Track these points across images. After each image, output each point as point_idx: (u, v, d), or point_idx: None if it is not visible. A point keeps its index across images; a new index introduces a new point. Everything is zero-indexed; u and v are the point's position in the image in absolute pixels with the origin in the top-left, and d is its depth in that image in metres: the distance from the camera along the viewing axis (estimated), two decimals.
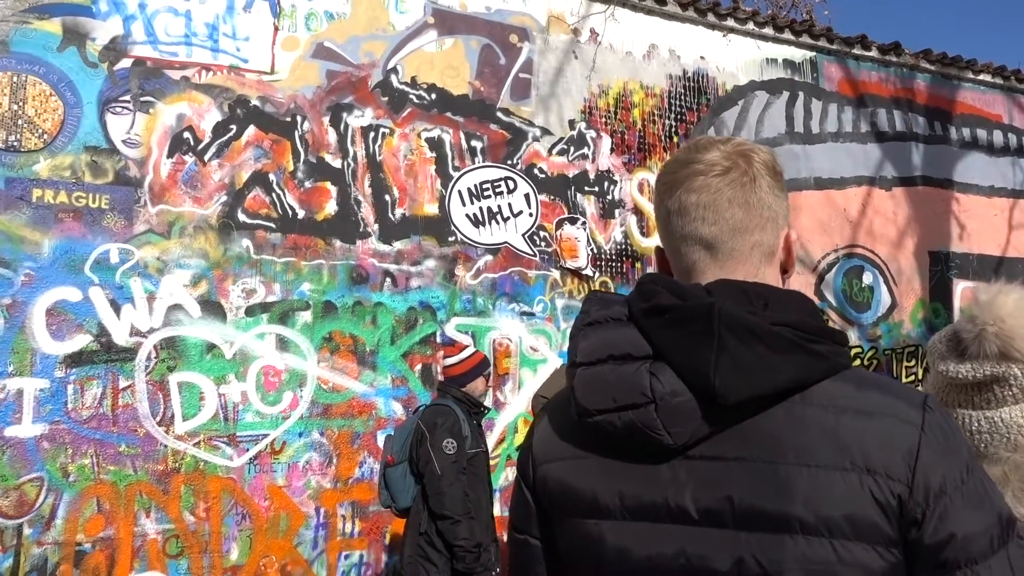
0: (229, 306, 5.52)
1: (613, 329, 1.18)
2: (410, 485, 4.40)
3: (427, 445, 4.29)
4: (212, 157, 5.56)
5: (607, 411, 1.15)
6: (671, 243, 1.26)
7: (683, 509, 1.12)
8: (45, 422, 4.99)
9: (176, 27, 5.55)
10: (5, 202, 5.02)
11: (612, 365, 1.16)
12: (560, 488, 1.23)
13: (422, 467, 4.30)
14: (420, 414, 4.53)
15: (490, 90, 6.49)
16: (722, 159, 1.21)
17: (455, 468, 4.27)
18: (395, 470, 4.44)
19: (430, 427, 4.35)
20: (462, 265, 6.24)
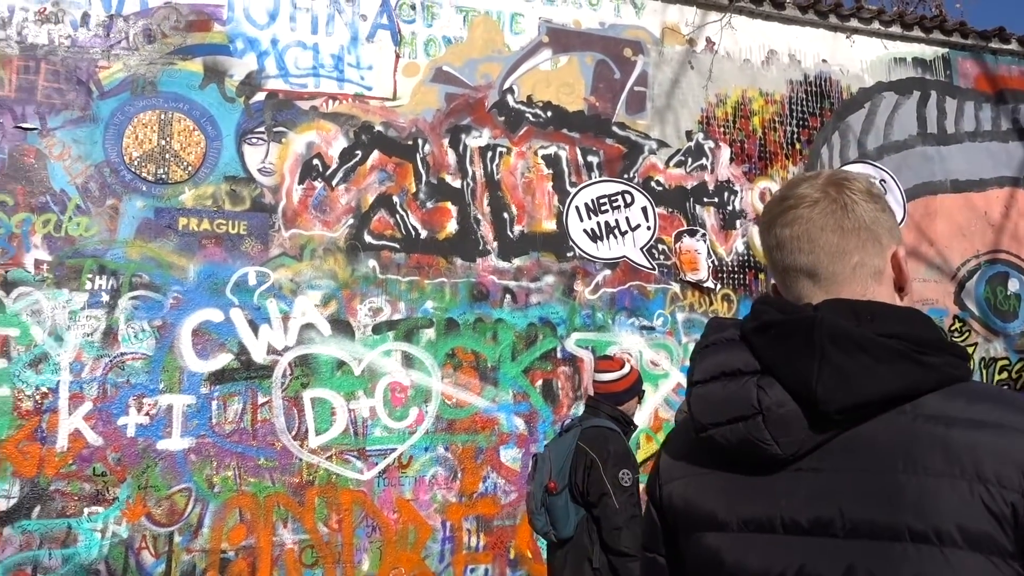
0: (357, 324, 5.73)
1: (726, 349, 1.25)
2: (573, 514, 4.02)
3: (600, 474, 3.93)
4: (339, 182, 5.81)
5: (719, 424, 1.21)
6: (777, 277, 1.33)
7: (794, 520, 1.15)
8: (192, 436, 5.32)
9: (305, 60, 5.84)
10: (155, 231, 5.40)
11: (724, 381, 1.22)
12: (683, 504, 1.29)
13: (594, 498, 3.94)
14: (578, 434, 4.13)
15: (605, 105, 6.50)
16: (813, 191, 1.28)
17: (632, 501, 3.92)
18: (558, 498, 4.04)
19: (601, 454, 3.97)
20: (581, 280, 6.26)
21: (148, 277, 5.35)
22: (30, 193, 5.22)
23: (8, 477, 4.94)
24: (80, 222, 5.28)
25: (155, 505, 5.21)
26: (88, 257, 5.27)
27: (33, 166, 5.25)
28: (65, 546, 5.02)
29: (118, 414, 5.19)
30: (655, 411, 6.36)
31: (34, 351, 5.10)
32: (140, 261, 5.35)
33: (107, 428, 5.16)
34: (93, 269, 5.27)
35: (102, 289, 5.27)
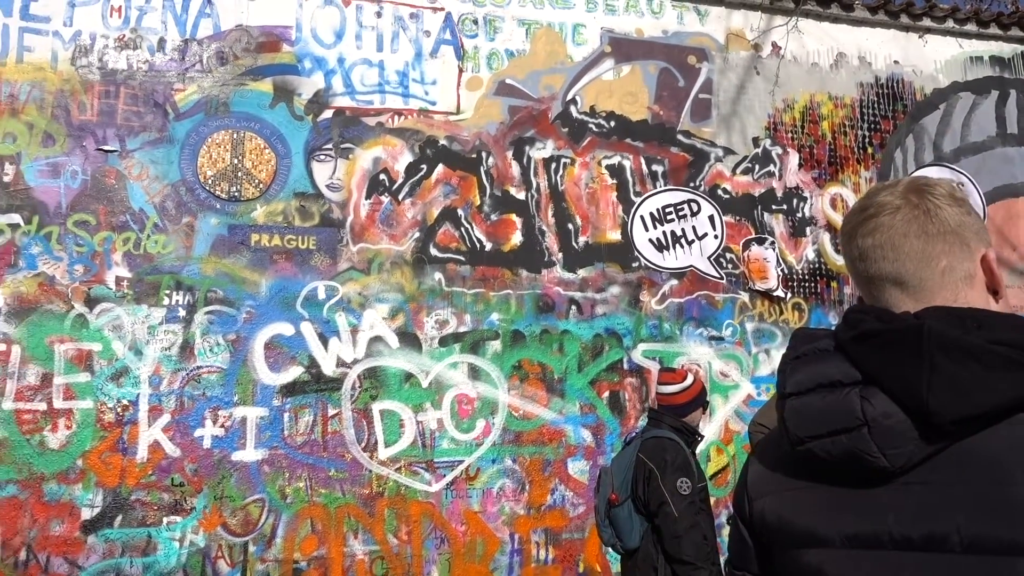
0: (424, 337, 5.77)
1: (821, 360, 1.21)
2: (637, 524, 4.07)
3: (658, 484, 3.97)
4: (405, 196, 5.88)
5: (819, 437, 1.17)
6: (862, 288, 1.30)
7: (905, 536, 1.11)
8: (265, 448, 5.43)
9: (371, 77, 5.94)
10: (229, 247, 5.55)
11: (822, 393, 1.18)
12: (777, 521, 1.25)
13: (654, 507, 3.99)
14: (638, 446, 4.19)
15: (669, 113, 6.44)
16: (893, 199, 1.25)
17: (691, 510, 3.94)
18: (621, 509, 4.10)
19: (659, 464, 4.01)
20: (647, 291, 6.20)
21: (222, 292, 5.50)
22: (111, 213, 5.42)
23: (92, 487, 5.12)
24: (158, 240, 5.45)
25: (230, 515, 5.33)
26: (166, 273, 5.44)
27: (114, 187, 5.45)
28: (145, 554, 5.17)
29: (195, 426, 5.33)
30: (725, 423, 6.24)
31: (115, 365, 5.28)
32: (214, 277, 5.50)
33: (184, 440, 5.31)
34: (170, 285, 5.43)
35: (179, 304, 5.43)
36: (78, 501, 5.09)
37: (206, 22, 5.72)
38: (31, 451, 5.07)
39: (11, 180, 5.32)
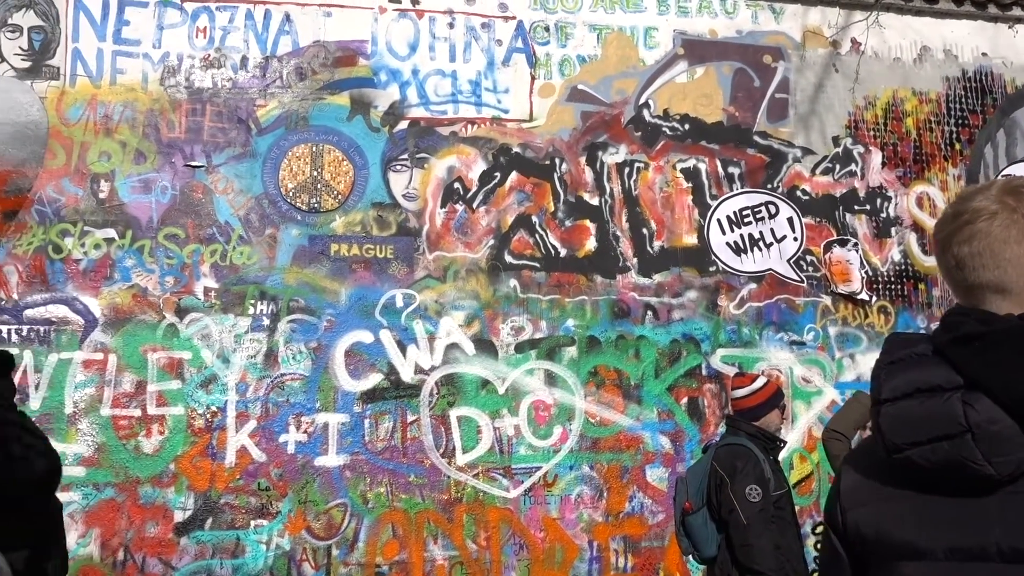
0: (500, 343, 5.81)
1: (918, 364, 1.17)
2: (712, 533, 4.02)
3: (728, 492, 3.92)
4: (480, 204, 5.93)
5: (918, 444, 1.12)
6: (961, 296, 1.25)
7: (1015, 548, 1.06)
8: (347, 453, 5.54)
9: (444, 87, 6.02)
10: (309, 257, 5.69)
11: (920, 398, 1.13)
12: (873, 532, 1.20)
13: (725, 515, 3.94)
14: (713, 453, 4.15)
15: (745, 114, 6.34)
16: (988, 203, 1.20)
17: (762, 517, 3.87)
18: (696, 517, 4.07)
19: (729, 471, 3.96)
20: (725, 295, 6.10)
21: (304, 301, 5.64)
22: (199, 226, 5.63)
23: (184, 491, 5.31)
24: (243, 251, 5.63)
25: (314, 519, 5.45)
26: (250, 284, 5.61)
27: (201, 201, 5.65)
28: (235, 556, 5.33)
29: (279, 432, 5.48)
30: (808, 430, 6.08)
31: (204, 373, 5.47)
32: (296, 286, 5.65)
33: (270, 445, 5.46)
34: (255, 295, 5.60)
35: (263, 314, 5.59)
36: (171, 504, 5.29)
37: (285, 39, 5.89)
38: (127, 455, 5.29)
39: (106, 197, 5.57)
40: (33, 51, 5.65)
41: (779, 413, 4.31)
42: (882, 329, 6.30)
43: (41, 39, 5.67)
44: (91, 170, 5.57)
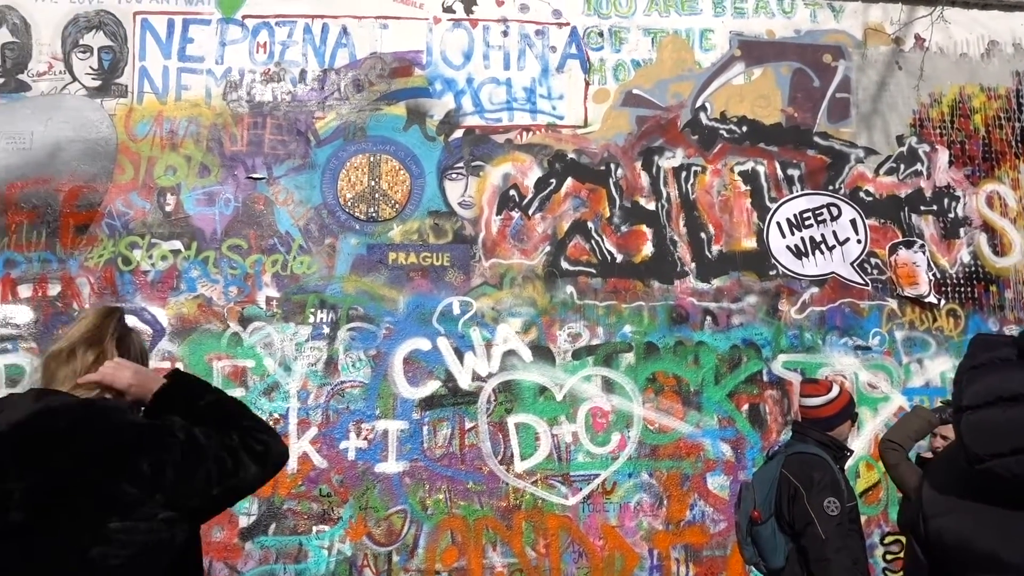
0: (557, 350, 5.79)
1: (1002, 370, 1.13)
2: (781, 544, 3.90)
3: (804, 504, 3.79)
4: (535, 211, 5.93)
5: (1001, 455, 1.08)
6: None
7: None
8: (406, 460, 5.58)
9: (499, 95, 6.04)
10: (368, 266, 5.77)
11: (1003, 407, 1.09)
12: (956, 542, 1.17)
13: (799, 527, 3.81)
14: (782, 461, 4.01)
15: (805, 115, 6.22)
16: None
17: (840, 531, 3.75)
18: (764, 528, 3.94)
19: (805, 482, 3.83)
20: (786, 299, 5.98)
21: (363, 309, 5.71)
22: (260, 236, 5.75)
23: (249, 496, 5.40)
24: (303, 261, 5.73)
25: (375, 525, 5.51)
26: (310, 293, 5.71)
27: (262, 212, 5.78)
28: (297, 561, 5.41)
29: (340, 438, 5.55)
30: (874, 437, 5.91)
31: (267, 380, 5.58)
32: (355, 295, 5.73)
33: (331, 451, 5.53)
34: (315, 304, 5.70)
35: (323, 322, 5.68)
36: (236, 509, 5.39)
37: (343, 52, 5.99)
38: None
39: (172, 209, 5.74)
40: (103, 70, 5.86)
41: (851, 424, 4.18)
42: (951, 333, 6.11)
43: (110, 58, 5.87)
44: (158, 184, 5.74)
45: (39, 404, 1.85)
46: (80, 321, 2.05)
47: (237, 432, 2.01)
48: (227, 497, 1.99)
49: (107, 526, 1.73)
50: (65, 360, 1.95)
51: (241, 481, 1.97)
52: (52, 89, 5.82)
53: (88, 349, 1.96)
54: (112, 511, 1.75)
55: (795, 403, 5.55)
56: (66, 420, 1.81)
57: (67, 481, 1.74)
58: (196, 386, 2.13)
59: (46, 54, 5.84)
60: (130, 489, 1.77)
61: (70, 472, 1.75)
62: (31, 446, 1.77)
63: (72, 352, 1.95)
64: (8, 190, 5.67)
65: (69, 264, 5.64)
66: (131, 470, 1.79)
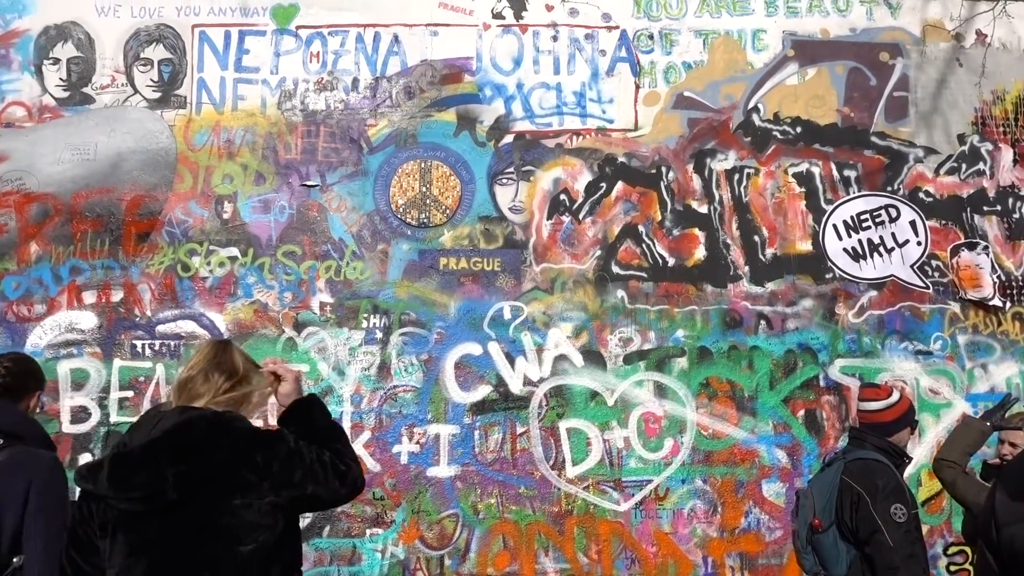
0: (608, 355, 5.77)
1: None
2: (843, 552, 3.79)
3: (869, 511, 3.69)
4: (586, 215, 5.92)
5: None
6: None
7: None
8: (458, 464, 5.61)
9: (549, 100, 6.05)
10: (419, 271, 5.82)
11: None
12: None
13: (864, 536, 3.70)
14: (841, 468, 3.90)
15: (861, 115, 6.09)
16: None
17: (908, 539, 3.65)
18: (826, 536, 3.84)
19: (869, 488, 3.72)
20: (843, 303, 5.86)
21: (415, 315, 5.77)
22: (314, 243, 5.84)
23: None
24: (356, 266, 5.81)
25: (427, 529, 5.54)
26: (363, 298, 5.78)
27: (316, 219, 5.87)
28: (351, 564, 5.48)
29: (392, 442, 5.61)
30: (937, 444, 5.74)
31: (321, 384, 5.66)
32: (407, 300, 5.78)
33: (384, 455, 5.59)
34: (368, 309, 5.77)
35: (376, 327, 5.75)
36: None
37: (394, 60, 6.06)
38: None
39: (229, 217, 5.87)
40: (162, 82, 6.02)
41: (911, 431, 4.07)
42: (1017, 337, 5.91)
43: (169, 70, 6.03)
44: (215, 192, 5.88)
45: (184, 416, 2.43)
46: (203, 351, 2.64)
47: (330, 452, 2.55)
48: (312, 501, 2.51)
49: (232, 503, 2.32)
50: (203, 381, 2.52)
51: (324, 490, 2.47)
52: (115, 101, 6.01)
53: (219, 372, 2.55)
54: (236, 492, 2.34)
55: (853, 408, 5.43)
56: (204, 426, 2.40)
57: (204, 470, 2.33)
58: (323, 408, 2.79)
59: (109, 68, 6.03)
60: (249, 476, 2.35)
61: (206, 464, 2.34)
62: (179, 445, 2.35)
63: (207, 375, 2.53)
64: (73, 200, 5.87)
65: (131, 271, 5.80)
66: (249, 462, 2.37)
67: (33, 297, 5.79)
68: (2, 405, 3.01)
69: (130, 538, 2.31)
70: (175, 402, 2.52)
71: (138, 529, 2.31)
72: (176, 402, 2.52)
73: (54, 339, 5.75)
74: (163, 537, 2.30)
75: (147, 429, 2.44)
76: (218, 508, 2.32)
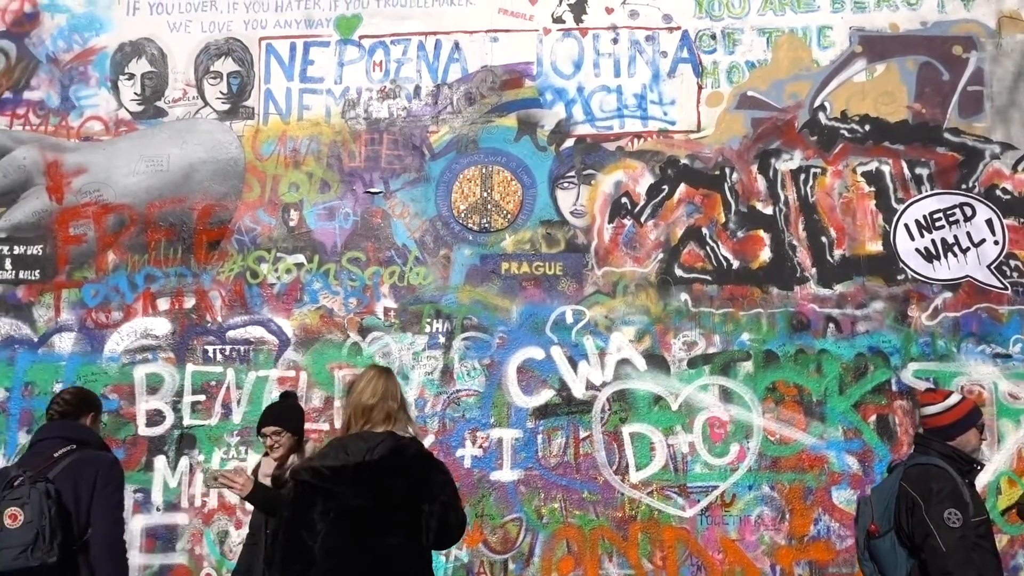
0: (672, 359, 5.70)
1: None
2: (902, 559, 3.72)
3: (922, 515, 3.61)
4: (648, 218, 5.87)
5: None
6: None
7: None
8: (521, 468, 5.62)
9: (609, 103, 6.02)
10: (481, 276, 5.85)
11: None
12: None
13: (918, 541, 3.61)
14: (901, 473, 3.83)
15: (933, 111, 5.90)
16: None
17: (963, 545, 3.54)
18: (883, 542, 3.77)
19: (923, 493, 3.64)
20: (915, 305, 5.68)
21: (477, 319, 5.80)
22: (378, 249, 5.93)
23: None
24: (419, 272, 5.87)
25: (491, 533, 5.56)
26: (426, 303, 5.84)
27: (380, 225, 5.96)
28: None
29: (456, 446, 5.64)
30: (1017, 451, 5.54)
31: None
32: (469, 305, 5.82)
33: (447, 459, 5.60)
34: (431, 314, 5.82)
35: (439, 332, 5.80)
36: None
37: (455, 67, 6.11)
38: None
39: (296, 225, 5.99)
40: (231, 94, 6.19)
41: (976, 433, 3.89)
42: None
43: (238, 83, 6.19)
44: (282, 200, 6.01)
45: (397, 442, 3.10)
46: (376, 380, 3.22)
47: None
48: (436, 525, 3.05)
49: (420, 507, 3.00)
50: (381, 409, 3.13)
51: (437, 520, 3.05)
52: (186, 114, 6.19)
53: (391, 400, 3.17)
54: (424, 500, 3.02)
55: None
56: (413, 451, 3.12)
57: (413, 483, 3.03)
58: None
59: (180, 81, 6.23)
60: (431, 489, 3.04)
61: (413, 478, 3.04)
62: (398, 464, 3.04)
63: (383, 402, 3.15)
64: (148, 210, 6.07)
65: (202, 278, 5.97)
66: (429, 479, 3.07)
67: (111, 304, 6.01)
68: (69, 422, 3.77)
69: (349, 523, 2.97)
70: (355, 425, 3.14)
71: (355, 518, 2.97)
72: (355, 426, 3.13)
73: (130, 345, 5.95)
74: (370, 526, 2.96)
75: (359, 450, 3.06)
76: (412, 510, 3.00)
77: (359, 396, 3.16)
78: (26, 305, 6.06)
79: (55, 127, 6.27)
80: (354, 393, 3.20)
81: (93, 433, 3.85)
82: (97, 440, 3.84)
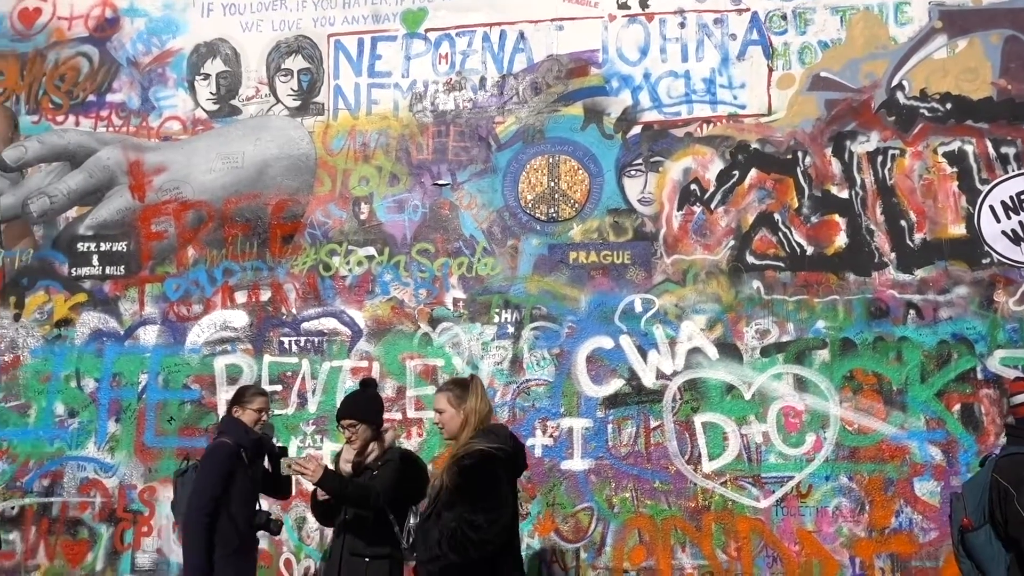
0: (744, 347, 5.60)
1: None
2: (1000, 552, 3.63)
3: (1015, 506, 3.52)
4: (718, 204, 5.77)
5: None
6: None
7: None
8: (591, 458, 5.61)
9: (677, 88, 5.94)
10: (549, 265, 5.85)
11: None
12: None
13: (1012, 531, 3.54)
14: (993, 464, 3.72)
15: (1020, 86, 5.63)
16: None
17: None
18: (977, 535, 3.68)
19: (1015, 482, 3.55)
20: (1002, 290, 5.45)
21: (546, 309, 5.80)
22: (446, 240, 5.98)
23: None
24: (487, 262, 5.91)
25: (562, 521, 5.57)
26: (495, 293, 5.87)
27: (448, 216, 6.01)
28: None
29: (526, 435, 5.65)
30: None
31: None
32: (538, 295, 5.82)
33: None
34: (499, 304, 5.85)
35: (507, 322, 5.82)
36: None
37: (520, 57, 6.11)
38: None
39: (366, 218, 6.09)
40: (302, 91, 6.32)
41: None
42: None
43: (308, 79, 6.32)
44: (353, 194, 6.12)
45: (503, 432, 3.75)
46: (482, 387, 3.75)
47: None
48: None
49: None
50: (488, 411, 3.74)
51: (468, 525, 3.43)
52: (259, 111, 6.35)
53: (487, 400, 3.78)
54: None
55: None
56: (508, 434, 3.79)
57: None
58: None
59: (253, 80, 6.39)
60: None
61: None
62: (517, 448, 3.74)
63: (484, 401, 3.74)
64: (225, 206, 6.25)
65: (277, 271, 6.13)
66: None
67: (191, 298, 6.22)
68: (225, 417, 4.85)
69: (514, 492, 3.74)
70: (478, 423, 3.63)
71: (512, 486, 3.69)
72: (480, 424, 3.64)
73: (210, 337, 6.15)
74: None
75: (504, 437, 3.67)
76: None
77: (483, 403, 3.69)
78: (112, 299, 6.31)
79: (136, 128, 6.51)
80: (477, 401, 3.67)
81: (231, 424, 4.68)
82: (232, 430, 4.62)
